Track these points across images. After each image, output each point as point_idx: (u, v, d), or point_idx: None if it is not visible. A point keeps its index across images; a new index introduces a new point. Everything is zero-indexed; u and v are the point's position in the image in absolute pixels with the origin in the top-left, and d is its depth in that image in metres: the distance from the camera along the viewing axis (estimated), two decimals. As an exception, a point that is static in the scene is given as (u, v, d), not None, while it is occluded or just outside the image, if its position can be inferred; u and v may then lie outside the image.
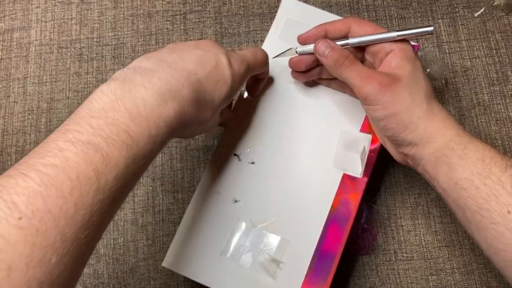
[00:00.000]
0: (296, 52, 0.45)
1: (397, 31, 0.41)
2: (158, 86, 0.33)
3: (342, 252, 0.44)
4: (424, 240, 0.51)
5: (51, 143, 0.29)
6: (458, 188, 0.37)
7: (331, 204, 0.45)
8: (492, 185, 0.35)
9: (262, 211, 0.45)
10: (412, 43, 0.49)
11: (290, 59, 0.46)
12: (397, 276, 0.50)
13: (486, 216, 0.35)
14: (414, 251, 0.51)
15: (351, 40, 0.42)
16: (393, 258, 0.51)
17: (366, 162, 0.45)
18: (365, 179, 0.45)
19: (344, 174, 0.45)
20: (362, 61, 0.45)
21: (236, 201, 0.45)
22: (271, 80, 0.49)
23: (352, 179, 0.45)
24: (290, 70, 0.47)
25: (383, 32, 0.41)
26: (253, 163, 0.47)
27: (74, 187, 0.28)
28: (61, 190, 0.27)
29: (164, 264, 0.44)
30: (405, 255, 0.51)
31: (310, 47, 0.44)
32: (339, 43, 0.43)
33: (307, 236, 0.44)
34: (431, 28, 0.40)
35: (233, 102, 0.49)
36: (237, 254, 0.44)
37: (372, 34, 0.42)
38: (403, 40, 0.41)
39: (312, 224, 0.44)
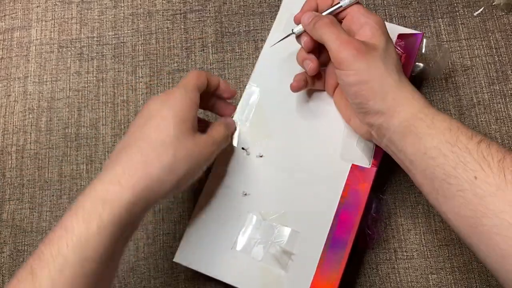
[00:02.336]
0: (293, 32, 0.45)
1: None
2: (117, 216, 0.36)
3: (353, 244, 0.44)
4: (424, 239, 0.51)
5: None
6: (426, 158, 0.37)
7: (340, 195, 0.45)
8: (460, 153, 0.35)
9: (272, 203, 0.45)
10: (416, 31, 0.49)
11: (303, 41, 0.45)
12: (397, 275, 0.50)
13: (453, 184, 0.35)
14: (414, 250, 0.51)
15: (343, 2, 0.43)
16: (393, 257, 0.51)
17: (374, 151, 0.45)
18: (374, 169, 0.45)
19: (353, 164, 0.45)
20: None
21: (245, 194, 0.46)
22: (276, 73, 0.49)
23: (361, 169, 0.45)
24: (295, 67, 0.47)
25: None
26: (261, 156, 0.47)
27: None
28: None
29: (175, 259, 0.45)
30: (405, 254, 0.51)
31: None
32: (333, 8, 0.43)
33: (317, 227, 0.44)
34: None
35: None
36: (248, 247, 0.44)
37: None
38: (376, 15, 0.42)
39: (322, 215, 0.44)
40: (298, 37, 0.45)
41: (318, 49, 0.46)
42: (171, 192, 0.40)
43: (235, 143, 0.48)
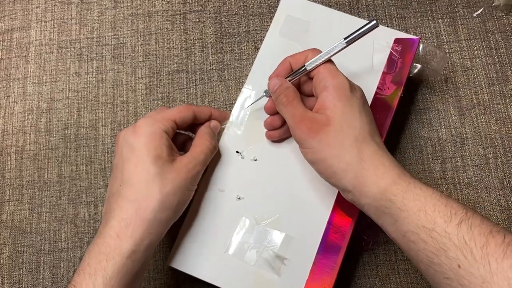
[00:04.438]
0: (264, 94, 0.46)
1: (345, 38, 0.41)
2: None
3: (347, 248, 0.44)
4: (424, 240, 0.51)
5: None
6: (406, 240, 0.35)
7: (335, 199, 0.45)
8: (439, 238, 0.33)
9: (266, 208, 0.45)
10: (413, 36, 0.49)
11: (264, 105, 0.46)
12: (397, 276, 0.50)
13: (438, 271, 0.33)
14: (414, 251, 0.51)
15: (307, 64, 0.42)
16: (393, 258, 0.51)
17: None
18: None
19: None
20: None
21: (239, 198, 0.46)
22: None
23: None
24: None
25: (333, 45, 0.41)
26: (255, 160, 0.47)
27: None
28: None
29: (168, 263, 0.44)
30: (405, 255, 0.51)
31: None
32: (298, 71, 0.43)
33: (311, 232, 0.44)
34: (374, 22, 0.40)
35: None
36: (241, 251, 0.44)
37: (324, 52, 0.41)
38: (338, 76, 0.40)
39: (316, 219, 0.44)
40: None
41: None
42: (170, 223, 0.41)
43: (229, 145, 0.48)
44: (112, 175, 0.42)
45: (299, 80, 0.44)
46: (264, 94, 0.46)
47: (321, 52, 0.42)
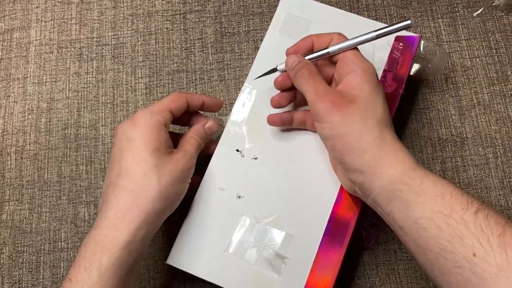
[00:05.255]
0: (277, 69, 0.45)
1: (375, 30, 0.40)
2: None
3: (347, 248, 0.44)
4: (424, 240, 0.51)
5: None
6: (417, 227, 0.34)
7: (335, 198, 0.45)
8: (455, 225, 0.32)
9: (266, 206, 0.45)
10: (413, 34, 0.49)
11: (275, 78, 0.45)
12: (397, 276, 0.50)
13: (450, 259, 0.32)
14: (414, 251, 0.51)
15: (331, 48, 0.42)
16: (393, 258, 0.51)
17: None
18: None
19: None
20: (332, 78, 0.44)
21: (239, 197, 0.46)
22: (273, 75, 0.49)
23: None
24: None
25: (362, 35, 0.41)
26: (256, 158, 0.47)
27: None
28: None
29: (168, 261, 0.44)
30: (405, 255, 0.51)
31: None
32: (320, 52, 0.43)
33: (311, 230, 0.44)
34: (409, 21, 0.40)
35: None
36: (241, 250, 0.44)
37: (351, 39, 0.41)
38: (367, 62, 0.40)
39: (316, 218, 0.44)
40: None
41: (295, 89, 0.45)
42: (167, 215, 0.42)
43: (229, 143, 0.47)
44: (109, 166, 0.41)
45: (317, 64, 0.44)
46: (278, 68, 0.45)
47: (347, 38, 0.42)
